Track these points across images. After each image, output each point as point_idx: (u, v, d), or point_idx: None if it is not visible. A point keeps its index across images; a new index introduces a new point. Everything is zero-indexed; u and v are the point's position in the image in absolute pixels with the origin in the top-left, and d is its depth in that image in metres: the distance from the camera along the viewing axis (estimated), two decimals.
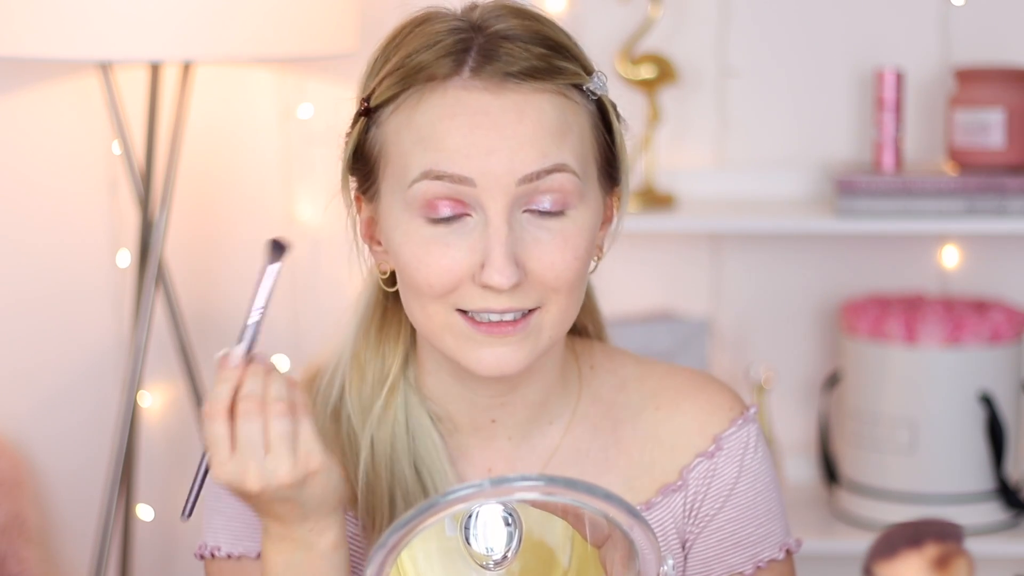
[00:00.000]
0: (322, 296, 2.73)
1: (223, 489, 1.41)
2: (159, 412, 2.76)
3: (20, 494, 2.60)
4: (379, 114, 1.41)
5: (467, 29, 1.40)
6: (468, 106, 1.37)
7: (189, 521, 1.39)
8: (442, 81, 1.38)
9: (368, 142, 1.43)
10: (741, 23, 2.71)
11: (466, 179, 1.36)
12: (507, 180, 1.36)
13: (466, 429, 1.49)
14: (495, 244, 1.36)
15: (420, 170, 1.37)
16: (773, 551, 1.51)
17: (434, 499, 1.20)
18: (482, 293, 1.38)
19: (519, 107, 1.37)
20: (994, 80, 2.56)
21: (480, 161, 1.36)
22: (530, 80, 1.38)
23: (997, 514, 2.55)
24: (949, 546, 1.09)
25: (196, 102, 2.65)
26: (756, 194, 2.71)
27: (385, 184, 1.42)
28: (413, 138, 1.38)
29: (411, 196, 1.38)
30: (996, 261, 2.73)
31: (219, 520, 1.50)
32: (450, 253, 1.38)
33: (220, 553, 1.50)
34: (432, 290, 1.38)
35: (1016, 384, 2.56)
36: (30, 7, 2.27)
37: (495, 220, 1.36)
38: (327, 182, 2.72)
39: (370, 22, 2.61)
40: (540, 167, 1.37)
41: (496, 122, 1.37)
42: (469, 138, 1.36)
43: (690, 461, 1.50)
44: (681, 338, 2.67)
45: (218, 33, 2.27)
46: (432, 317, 1.40)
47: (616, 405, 1.52)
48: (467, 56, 1.38)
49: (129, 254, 2.69)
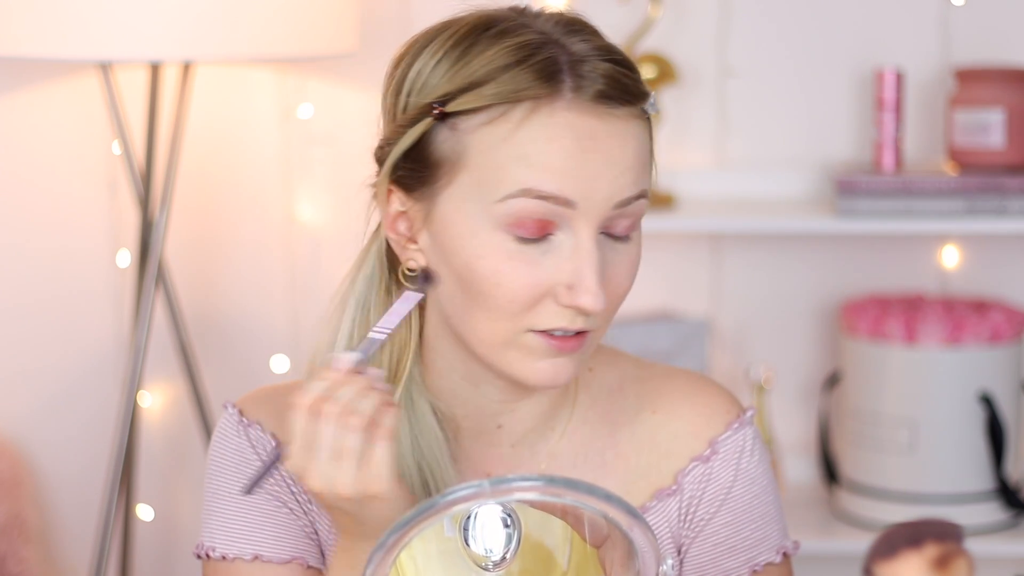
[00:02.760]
0: (322, 296, 2.73)
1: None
2: (159, 412, 2.76)
3: (20, 494, 2.60)
4: (458, 120, 1.38)
5: (548, 44, 1.38)
6: (576, 129, 1.35)
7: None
8: (548, 101, 1.36)
9: (435, 144, 1.39)
10: (741, 23, 2.71)
11: (569, 201, 1.35)
12: (605, 205, 1.36)
13: (469, 433, 1.48)
14: (589, 268, 1.35)
15: (518, 187, 1.35)
16: (770, 555, 1.50)
17: (433, 500, 1.20)
18: (558, 312, 1.37)
19: (620, 132, 1.37)
20: (994, 80, 2.56)
21: (585, 185, 1.35)
22: (626, 105, 1.38)
23: (997, 514, 2.55)
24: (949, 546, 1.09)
25: (196, 102, 2.65)
26: (756, 194, 2.71)
27: (454, 189, 1.38)
28: (513, 154, 1.36)
29: (501, 210, 1.36)
30: (996, 261, 2.73)
31: (215, 521, 1.50)
32: (535, 272, 1.36)
33: (215, 554, 1.50)
34: (512, 306, 1.37)
35: (1016, 384, 2.56)
36: (30, 7, 2.27)
37: (588, 243, 1.36)
38: (327, 182, 2.73)
39: (370, 22, 2.62)
40: (632, 193, 1.37)
41: (601, 146, 1.36)
42: (578, 160, 1.35)
43: (685, 465, 1.50)
44: (681, 338, 2.67)
45: (218, 33, 2.27)
46: (499, 332, 1.38)
47: (613, 408, 1.51)
48: (562, 75, 1.36)
49: (129, 254, 2.69)
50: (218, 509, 1.50)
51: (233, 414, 1.52)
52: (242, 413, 1.51)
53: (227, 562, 1.49)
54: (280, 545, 1.49)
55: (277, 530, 1.49)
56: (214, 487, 1.51)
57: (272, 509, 1.49)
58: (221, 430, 1.52)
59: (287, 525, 1.49)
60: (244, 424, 1.51)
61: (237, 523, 1.49)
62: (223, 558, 1.49)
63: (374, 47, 2.63)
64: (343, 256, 2.76)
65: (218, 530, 1.50)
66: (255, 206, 2.74)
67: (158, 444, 2.76)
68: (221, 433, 1.52)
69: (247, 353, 2.75)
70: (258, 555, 1.48)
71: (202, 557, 1.51)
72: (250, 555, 1.48)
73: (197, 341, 2.69)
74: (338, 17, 2.38)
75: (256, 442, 1.50)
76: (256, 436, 1.50)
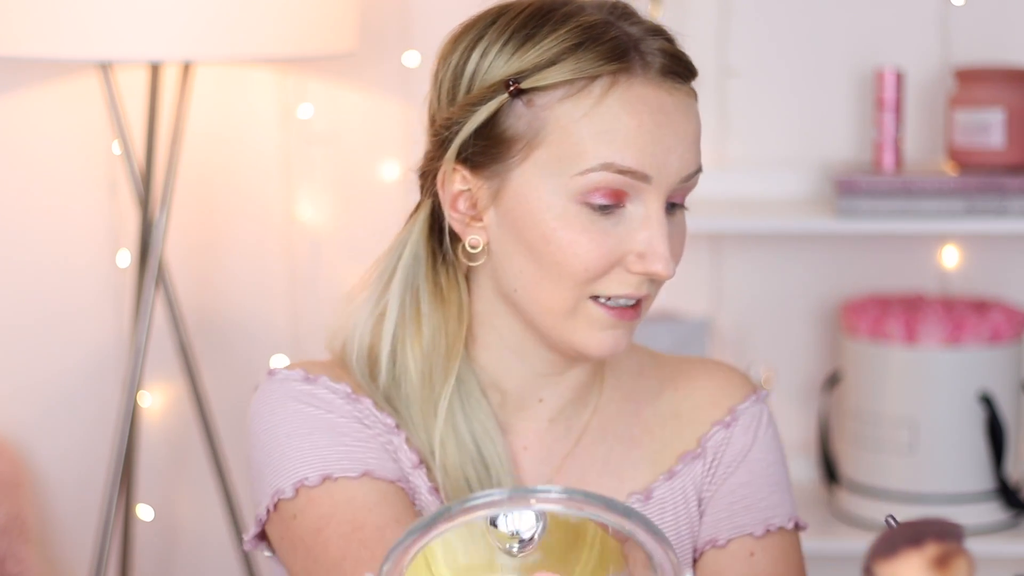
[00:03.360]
0: (322, 296, 2.73)
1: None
2: (159, 412, 2.76)
3: (20, 494, 2.60)
4: (535, 96, 1.43)
5: (609, 24, 1.44)
6: (651, 103, 1.42)
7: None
8: (626, 76, 1.42)
9: (510, 120, 1.44)
10: (741, 23, 2.71)
11: (647, 176, 1.42)
12: (674, 178, 1.44)
13: (512, 406, 1.52)
14: (660, 237, 1.43)
15: (599, 161, 1.41)
16: (783, 520, 1.55)
17: (449, 506, 1.20)
18: (626, 279, 1.44)
19: (686, 107, 1.45)
20: (994, 80, 2.56)
21: (661, 159, 1.42)
22: (687, 81, 1.46)
23: (997, 514, 2.55)
24: (949, 545, 1.09)
25: (196, 102, 2.65)
26: (756, 194, 2.71)
27: (530, 165, 1.43)
28: (594, 129, 1.41)
29: (579, 183, 1.42)
30: (996, 261, 2.73)
31: (302, 455, 1.45)
32: (609, 241, 1.42)
33: (309, 482, 1.44)
34: (587, 274, 1.42)
35: (1016, 384, 2.56)
36: (30, 7, 2.27)
37: (659, 214, 1.43)
38: (327, 182, 2.73)
39: (370, 22, 2.62)
40: (695, 168, 1.46)
41: (672, 121, 1.43)
42: (654, 135, 1.41)
43: (708, 430, 1.57)
44: (681, 338, 2.67)
45: (218, 33, 2.27)
46: (565, 300, 1.44)
47: (636, 389, 1.58)
48: (633, 52, 1.43)
49: (129, 254, 2.69)
50: (298, 445, 1.46)
51: (296, 372, 1.50)
52: (306, 371, 1.50)
53: (328, 484, 1.45)
54: (384, 465, 1.47)
55: (377, 451, 1.47)
56: (288, 427, 1.47)
57: (370, 435, 1.48)
58: (282, 384, 1.50)
59: (384, 449, 1.48)
60: (311, 378, 1.50)
61: (334, 446, 1.46)
62: (324, 480, 1.45)
63: (374, 47, 2.63)
64: (343, 256, 2.77)
65: (306, 461, 1.45)
66: (255, 206, 2.74)
67: (158, 444, 2.76)
68: (284, 386, 1.50)
69: (247, 353, 2.75)
70: (367, 471, 1.45)
71: (283, 501, 1.45)
72: (358, 472, 1.45)
73: (197, 341, 2.69)
74: (338, 17, 2.38)
75: (331, 388, 1.49)
76: (328, 384, 1.49)
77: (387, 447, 1.49)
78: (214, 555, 2.75)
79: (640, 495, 1.54)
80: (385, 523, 1.43)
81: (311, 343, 2.74)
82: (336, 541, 1.43)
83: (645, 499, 1.53)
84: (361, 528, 1.43)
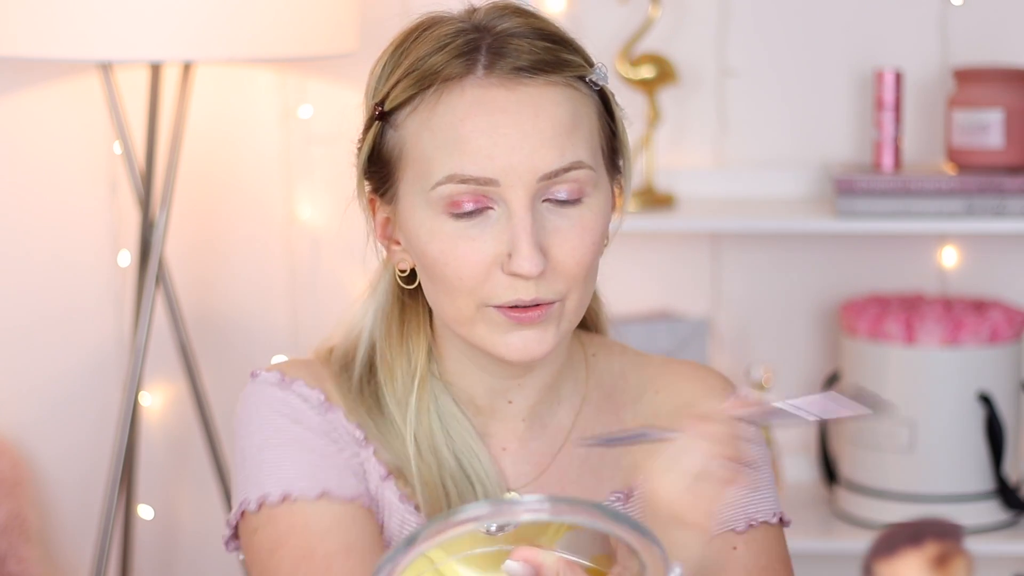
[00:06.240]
0: (322, 296, 2.73)
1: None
2: (159, 412, 2.76)
3: (20, 493, 2.60)
4: (395, 117, 1.45)
5: (473, 30, 1.44)
6: (485, 104, 1.41)
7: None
8: (458, 81, 1.42)
9: (385, 145, 1.47)
10: (740, 23, 2.71)
11: (491, 180, 1.41)
12: (529, 177, 1.41)
13: (485, 413, 1.53)
14: (521, 234, 1.40)
15: (444, 173, 1.41)
16: (767, 516, 1.54)
17: (439, 517, 1.21)
18: (510, 283, 1.42)
19: (535, 102, 1.42)
20: (993, 80, 2.56)
21: (503, 161, 1.40)
22: (541, 73, 1.42)
23: (996, 514, 2.55)
24: (949, 545, 1.10)
25: (196, 102, 2.65)
26: (756, 194, 2.71)
27: (405, 185, 1.46)
28: (435, 141, 1.42)
29: (435, 196, 1.42)
30: (995, 261, 2.73)
31: (267, 469, 1.47)
32: (476, 246, 1.42)
33: (271, 499, 1.46)
34: (463, 283, 1.43)
35: (1015, 384, 2.56)
36: (30, 7, 2.27)
37: (519, 212, 1.41)
38: (327, 182, 2.73)
39: (370, 22, 2.62)
40: (559, 165, 1.42)
41: (515, 119, 1.41)
42: (492, 137, 1.40)
43: None
44: (681, 338, 2.67)
45: (218, 33, 2.28)
46: (462, 310, 1.44)
47: (616, 390, 1.58)
48: (478, 55, 1.42)
49: (129, 254, 2.70)
50: (269, 458, 1.48)
51: (273, 375, 1.53)
52: (283, 374, 1.53)
53: (287, 504, 1.47)
54: (344, 483, 1.48)
55: (339, 469, 1.49)
56: (260, 440, 1.49)
57: (334, 450, 1.50)
58: (260, 388, 1.52)
59: (348, 464, 1.49)
60: (287, 382, 1.52)
61: (297, 464, 1.48)
62: (283, 499, 1.46)
63: (374, 47, 2.62)
64: (343, 256, 2.77)
65: (270, 477, 1.47)
66: (255, 206, 2.74)
67: (158, 444, 2.76)
68: (261, 392, 1.52)
69: (247, 353, 2.75)
70: (325, 491, 1.47)
71: (247, 513, 1.48)
72: (316, 492, 1.47)
73: (197, 341, 2.69)
74: (338, 17, 2.38)
75: (304, 395, 1.51)
76: (302, 390, 1.52)
77: (353, 460, 1.50)
78: (214, 555, 2.75)
79: (621, 494, 1.54)
80: (335, 551, 1.45)
81: (311, 343, 2.73)
82: (286, 566, 1.45)
83: (625, 499, 1.54)
84: (310, 557, 1.45)
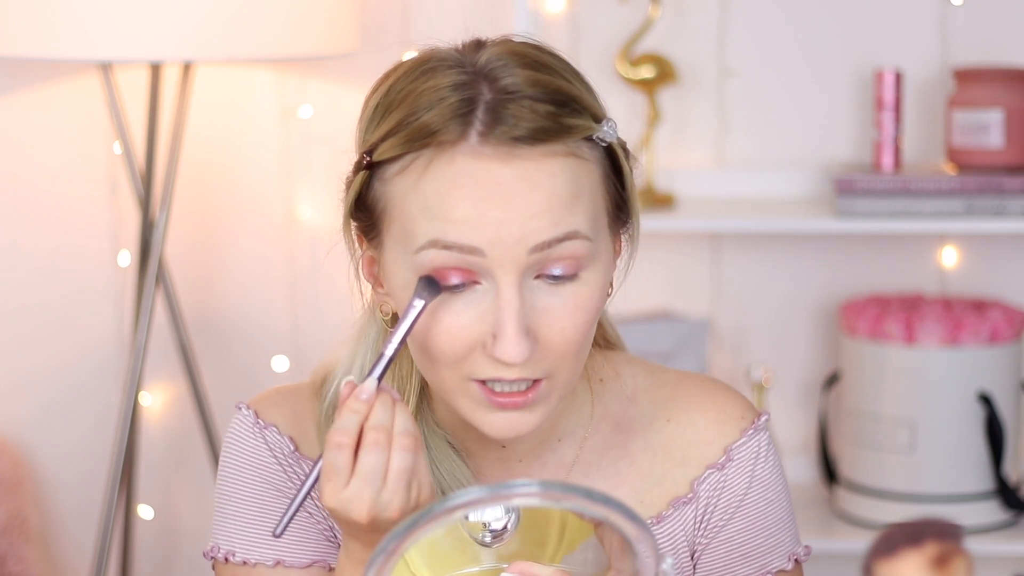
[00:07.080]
0: (322, 296, 2.74)
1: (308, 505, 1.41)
2: (159, 412, 2.76)
3: (20, 493, 2.60)
4: (382, 171, 1.36)
5: (472, 82, 1.34)
6: (477, 176, 1.31)
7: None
8: (450, 147, 1.32)
9: (371, 195, 1.38)
10: (741, 23, 2.71)
11: (476, 249, 1.31)
12: (518, 250, 1.32)
13: (480, 454, 1.48)
14: (507, 317, 1.32)
15: (427, 239, 1.32)
16: (781, 561, 1.50)
17: (431, 506, 1.20)
18: (493, 363, 1.34)
19: (530, 175, 1.32)
20: (993, 80, 2.56)
21: (490, 231, 1.31)
22: (540, 143, 1.32)
23: (996, 514, 2.55)
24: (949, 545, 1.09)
25: (196, 102, 2.65)
26: (756, 194, 2.71)
27: (389, 239, 1.37)
28: (420, 205, 1.33)
29: (418, 262, 1.34)
30: (995, 261, 2.73)
31: (234, 525, 1.49)
32: (461, 322, 1.33)
33: (235, 559, 1.48)
34: (444, 358, 1.35)
35: (1015, 384, 2.56)
36: (30, 7, 2.27)
37: (506, 291, 1.32)
38: (327, 182, 2.73)
39: (370, 22, 2.62)
40: (552, 236, 1.32)
41: (507, 192, 1.31)
42: (479, 208, 1.31)
43: (701, 473, 1.49)
44: (681, 338, 2.67)
45: (218, 33, 2.28)
46: (445, 380, 1.37)
47: (626, 418, 1.50)
48: (473, 117, 1.32)
49: (129, 254, 2.70)
50: (235, 513, 1.49)
51: (248, 416, 1.50)
52: (258, 415, 1.50)
53: (248, 567, 1.48)
54: (301, 549, 1.48)
55: (298, 534, 1.48)
56: (231, 490, 1.50)
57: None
58: (236, 432, 1.51)
59: (307, 529, 1.48)
60: (260, 427, 1.49)
61: (257, 528, 1.48)
62: (244, 563, 1.48)
63: (374, 47, 2.63)
64: (343, 256, 2.77)
65: (237, 534, 1.48)
66: (255, 206, 2.74)
67: (158, 444, 2.76)
68: (236, 435, 1.51)
69: (247, 353, 2.75)
70: (280, 560, 1.47)
71: (217, 559, 1.50)
72: (272, 560, 1.47)
73: (197, 341, 2.69)
74: (338, 17, 2.39)
75: (274, 445, 1.49)
76: (273, 439, 1.49)
77: (315, 515, 1.48)
78: None
79: None
80: None
81: (311, 343, 2.74)
82: None
83: None
84: None
